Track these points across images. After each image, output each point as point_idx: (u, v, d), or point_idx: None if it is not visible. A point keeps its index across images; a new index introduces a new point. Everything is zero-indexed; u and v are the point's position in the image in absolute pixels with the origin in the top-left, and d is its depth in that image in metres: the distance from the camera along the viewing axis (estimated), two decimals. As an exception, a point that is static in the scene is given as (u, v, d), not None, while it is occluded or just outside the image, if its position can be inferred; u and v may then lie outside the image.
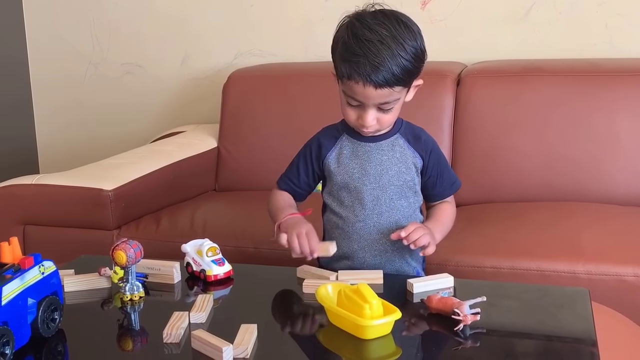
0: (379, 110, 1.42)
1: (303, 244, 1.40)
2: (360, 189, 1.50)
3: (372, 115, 1.42)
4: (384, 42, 1.36)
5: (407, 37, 1.38)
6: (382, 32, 1.37)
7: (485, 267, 1.77)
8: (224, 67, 2.81)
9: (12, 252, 1.18)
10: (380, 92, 1.38)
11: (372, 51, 1.36)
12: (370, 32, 1.37)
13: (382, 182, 1.49)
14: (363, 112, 1.43)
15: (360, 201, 1.50)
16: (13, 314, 1.12)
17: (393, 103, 1.42)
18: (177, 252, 1.50)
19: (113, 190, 2.08)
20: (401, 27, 1.39)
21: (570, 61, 2.36)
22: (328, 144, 1.54)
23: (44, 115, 3.15)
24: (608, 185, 2.15)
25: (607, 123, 2.17)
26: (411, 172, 1.50)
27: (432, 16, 2.57)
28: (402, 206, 1.50)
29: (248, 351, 1.10)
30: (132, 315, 1.33)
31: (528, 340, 1.20)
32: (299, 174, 1.57)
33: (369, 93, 1.38)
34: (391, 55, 1.36)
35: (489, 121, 2.26)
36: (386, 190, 1.49)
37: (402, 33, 1.38)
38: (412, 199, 1.52)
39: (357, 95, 1.40)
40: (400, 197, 1.50)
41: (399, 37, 1.37)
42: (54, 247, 1.98)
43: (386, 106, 1.42)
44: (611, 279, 1.69)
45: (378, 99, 1.40)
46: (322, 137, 1.56)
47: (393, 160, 1.50)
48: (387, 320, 1.16)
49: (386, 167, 1.49)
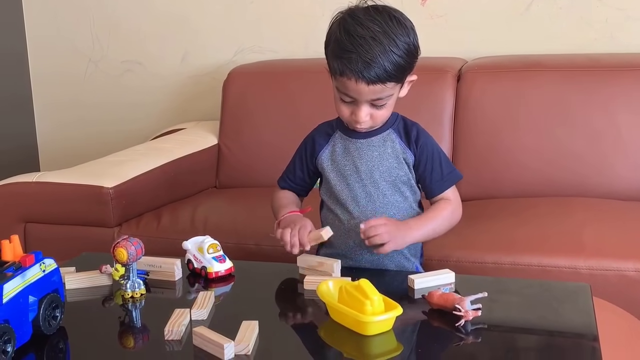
0: (372, 107, 1.42)
1: (293, 238, 1.42)
2: (353, 186, 1.50)
3: (365, 112, 1.42)
4: (376, 38, 1.36)
5: (400, 33, 1.38)
6: (374, 28, 1.36)
7: (486, 262, 1.77)
8: (224, 64, 2.81)
9: (13, 250, 1.18)
10: (373, 88, 1.38)
11: (364, 47, 1.36)
12: (362, 28, 1.37)
13: (373, 178, 1.49)
14: (356, 108, 1.42)
15: (353, 198, 1.50)
16: (14, 312, 1.12)
17: (386, 99, 1.41)
18: (178, 249, 1.50)
19: (114, 187, 2.08)
20: (393, 22, 1.38)
21: (571, 56, 2.36)
22: (322, 141, 1.54)
23: (44, 113, 3.15)
24: (609, 180, 2.15)
25: (607, 118, 2.17)
26: (403, 167, 1.49)
27: (432, 12, 2.57)
28: (397, 202, 1.49)
29: (249, 348, 1.10)
30: (134, 312, 1.33)
31: (529, 336, 1.20)
32: (295, 172, 1.59)
33: (361, 89, 1.38)
34: (383, 51, 1.35)
35: (490, 117, 2.26)
36: (378, 187, 1.49)
37: (394, 29, 1.37)
38: (408, 194, 1.51)
39: (349, 92, 1.40)
40: (394, 192, 1.49)
41: (390, 32, 1.37)
42: (55, 245, 1.98)
43: (379, 102, 1.41)
44: (612, 274, 1.69)
45: (370, 95, 1.39)
46: (316, 135, 1.56)
47: (384, 156, 1.49)
48: (389, 316, 1.16)
49: (377, 163, 1.49)
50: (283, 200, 1.58)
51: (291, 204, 1.57)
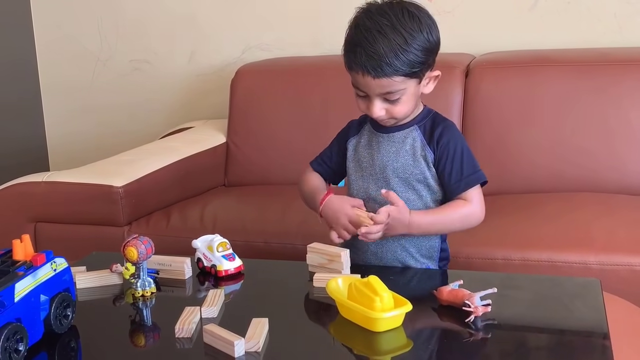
0: (385, 101, 1.41)
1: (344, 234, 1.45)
2: (366, 179, 1.50)
3: (378, 106, 1.41)
4: (382, 31, 1.35)
5: (410, 28, 1.36)
6: (382, 22, 1.36)
7: (496, 258, 1.76)
8: (232, 62, 2.81)
9: (24, 250, 1.19)
10: (379, 82, 1.37)
11: (369, 40, 1.35)
12: (370, 21, 1.37)
13: (385, 173, 1.48)
14: (369, 102, 1.42)
15: (365, 191, 1.50)
16: (26, 311, 1.12)
17: (398, 93, 1.39)
18: (188, 247, 1.51)
19: (123, 186, 2.09)
20: (405, 17, 1.36)
21: (579, 51, 2.35)
22: (355, 130, 1.55)
23: (53, 113, 3.16)
24: (619, 175, 2.14)
25: (617, 112, 2.16)
26: (420, 165, 1.46)
27: (440, 7, 2.56)
28: (409, 199, 1.47)
29: (259, 345, 1.11)
30: (144, 310, 1.33)
31: (539, 332, 1.20)
32: (331, 155, 1.59)
33: (368, 83, 1.38)
34: (388, 44, 1.34)
35: (498, 112, 2.25)
36: (389, 183, 1.48)
37: (405, 23, 1.36)
38: (424, 192, 1.48)
39: (360, 86, 1.40)
40: (407, 190, 1.47)
41: (399, 26, 1.35)
42: (66, 244, 1.99)
43: (391, 96, 1.40)
44: (623, 269, 1.69)
45: (379, 89, 1.38)
46: (353, 123, 1.57)
47: (401, 152, 1.47)
48: (398, 313, 1.16)
49: (392, 159, 1.48)
50: (312, 183, 1.57)
51: (321, 185, 1.57)
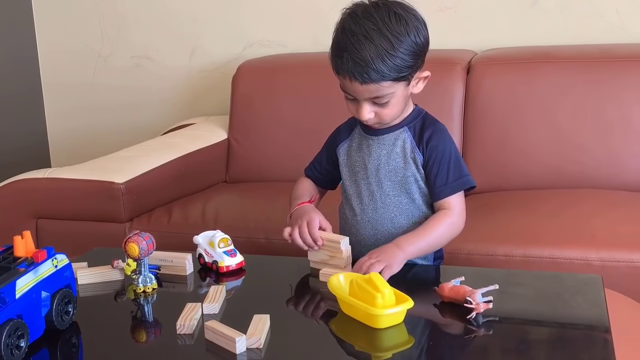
0: (375, 105, 1.39)
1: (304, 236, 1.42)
2: (359, 183, 1.49)
3: (367, 110, 1.39)
4: (368, 36, 1.32)
5: (397, 31, 1.33)
6: (369, 26, 1.33)
7: (497, 255, 1.76)
8: (233, 59, 2.81)
9: (25, 246, 1.19)
10: (367, 88, 1.35)
11: (355, 46, 1.33)
12: (357, 25, 1.34)
13: (378, 177, 1.47)
14: (358, 106, 1.40)
15: (358, 195, 1.50)
16: (27, 307, 1.12)
17: (387, 97, 1.37)
18: (189, 243, 1.51)
19: (125, 182, 2.09)
20: (392, 20, 1.33)
21: (581, 47, 2.35)
22: (344, 134, 1.54)
23: (54, 109, 3.16)
24: (620, 171, 2.14)
25: (618, 109, 2.16)
26: (411, 168, 1.45)
27: (441, 4, 2.56)
28: (402, 202, 1.46)
29: (261, 341, 1.11)
30: (146, 307, 1.33)
31: (541, 328, 1.20)
32: (322, 161, 1.59)
33: (356, 88, 1.36)
34: (374, 50, 1.32)
35: (500, 109, 2.25)
36: (382, 186, 1.46)
37: (391, 27, 1.33)
38: (417, 195, 1.46)
39: (348, 90, 1.39)
40: (399, 193, 1.46)
41: (385, 30, 1.32)
42: (67, 240, 1.99)
43: (380, 100, 1.38)
44: (624, 265, 1.69)
45: (367, 94, 1.37)
46: (342, 127, 1.56)
47: (392, 155, 1.46)
48: (400, 309, 1.16)
49: (384, 161, 1.46)
50: (298, 192, 1.57)
51: (305, 195, 1.56)
